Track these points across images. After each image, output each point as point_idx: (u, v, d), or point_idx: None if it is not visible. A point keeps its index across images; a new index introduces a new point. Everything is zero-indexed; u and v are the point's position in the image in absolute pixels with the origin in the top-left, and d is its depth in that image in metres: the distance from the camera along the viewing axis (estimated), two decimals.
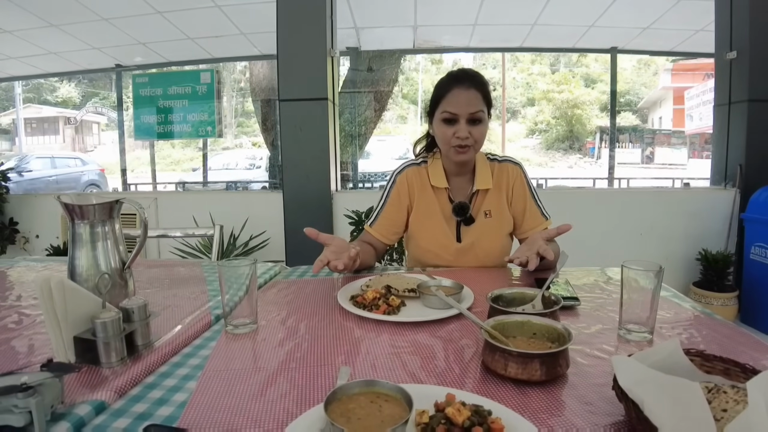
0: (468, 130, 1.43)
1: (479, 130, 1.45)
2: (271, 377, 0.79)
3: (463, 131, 1.43)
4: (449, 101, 1.44)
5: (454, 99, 1.43)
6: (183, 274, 1.51)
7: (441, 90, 1.47)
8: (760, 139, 3.57)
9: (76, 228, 1.03)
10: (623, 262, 0.94)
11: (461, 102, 1.42)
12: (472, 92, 1.43)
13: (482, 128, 1.46)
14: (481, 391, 0.73)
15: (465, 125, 1.43)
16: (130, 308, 0.89)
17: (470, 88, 1.43)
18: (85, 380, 0.77)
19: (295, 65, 3.47)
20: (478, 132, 1.44)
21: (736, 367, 0.69)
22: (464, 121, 1.43)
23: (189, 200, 4.16)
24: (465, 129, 1.43)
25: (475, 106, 1.43)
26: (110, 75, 7.06)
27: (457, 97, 1.43)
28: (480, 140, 1.46)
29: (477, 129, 1.44)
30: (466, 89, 1.43)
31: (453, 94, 1.44)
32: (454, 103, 1.43)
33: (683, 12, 5.00)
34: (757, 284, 3.35)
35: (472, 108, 1.42)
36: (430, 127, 1.57)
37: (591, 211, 3.78)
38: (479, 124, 1.45)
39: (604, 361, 0.83)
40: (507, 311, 0.92)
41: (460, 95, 1.43)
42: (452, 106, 1.43)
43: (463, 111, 1.42)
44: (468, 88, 1.43)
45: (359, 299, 1.12)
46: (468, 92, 1.42)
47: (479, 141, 1.46)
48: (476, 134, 1.44)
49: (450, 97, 1.44)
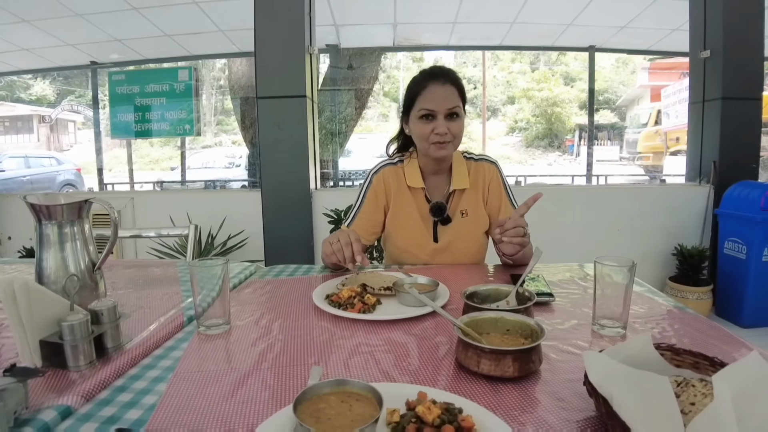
0: (446, 125, 1.43)
1: (457, 125, 1.45)
2: (243, 378, 0.78)
3: (442, 127, 1.43)
4: (426, 98, 1.44)
5: (431, 95, 1.43)
6: (157, 275, 1.48)
7: (417, 87, 1.47)
8: (733, 136, 3.64)
9: (43, 229, 1.00)
10: (596, 258, 0.94)
11: (438, 98, 1.42)
12: (448, 88, 1.43)
13: (460, 123, 1.46)
14: (454, 389, 0.73)
15: (443, 121, 1.43)
16: (99, 310, 0.87)
17: (446, 84, 1.43)
18: (52, 385, 0.76)
19: (274, 62, 3.43)
20: (456, 127, 1.44)
21: (705, 360, 0.70)
22: (442, 116, 1.43)
23: (166, 200, 4.09)
24: (443, 125, 1.43)
25: (452, 102, 1.43)
26: (86, 72, 6.91)
27: (434, 93, 1.43)
28: (458, 135, 1.46)
29: (455, 124, 1.44)
30: (442, 85, 1.43)
31: (429, 91, 1.43)
32: (431, 99, 1.43)
33: (659, 12, 5.07)
34: (731, 278, 3.43)
35: (449, 103, 1.42)
36: (406, 127, 1.56)
37: (569, 208, 3.81)
38: (457, 119, 1.45)
39: (577, 357, 0.84)
40: (481, 308, 0.92)
41: (436, 91, 1.43)
42: (429, 102, 1.43)
43: (441, 107, 1.42)
44: (444, 83, 1.43)
45: (334, 298, 1.11)
46: (444, 88, 1.43)
47: (458, 136, 1.46)
48: (454, 129, 1.44)
49: (426, 94, 1.44)
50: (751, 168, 3.69)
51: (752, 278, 3.25)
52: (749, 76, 3.64)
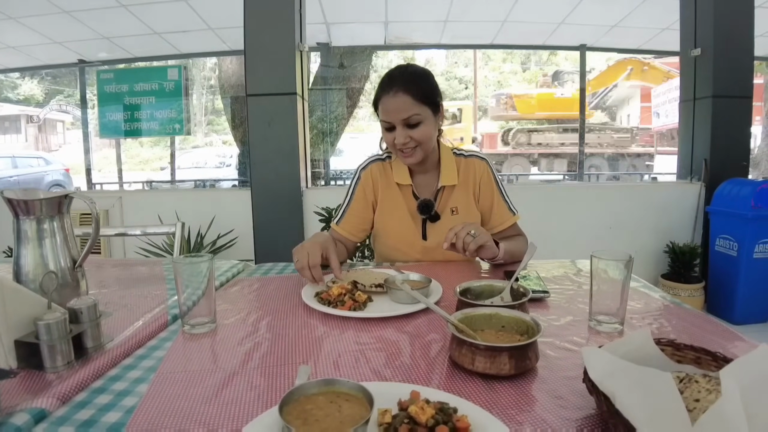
0: (406, 134, 1.40)
1: (419, 132, 1.40)
2: (229, 378, 0.75)
3: (401, 137, 1.40)
4: (382, 110, 1.41)
5: (386, 107, 1.40)
6: (143, 273, 1.45)
7: (376, 97, 1.44)
8: (724, 134, 3.66)
9: (21, 224, 0.96)
10: (592, 253, 0.92)
11: (390, 110, 1.38)
12: (400, 98, 1.37)
13: (423, 129, 1.41)
14: (448, 388, 0.70)
15: (402, 130, 1.39)
16: (78, 309, 0.84)
17: (398, 94, 1.37)
18: (27, 386, 0.72)
19: (264, 59, 3.39)
20: (418, 134, 1.40)
21: (707, 355, 0.68)
22: (400, 126, 1.39)
23: (155, 199, 4.04)
24: (402, 134, 1.40)
25: (407, 111, 1.37)
26: (74, 71, 6.82)
27: (386, 105, 1.39)
28: (423, 140, 1.42)
29: (416, 131, 1.40)
30: (393, 96, 1.37)
31: (383, 103, 1.40)
32: (385, 111, 1.40)
33: (649, 10, 5.09)
34: (722, 275, 3.44)
35: (403, 114, 1.38)
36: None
37: (561, 206, 3.81)
38: (417, 126, 1.40)
39: (575, 354, 0.81)
40: (475, 304, 0.89)
41: (387, 103, 1.39)
42: (384, 114, 1.41)
43: (395, 118, 1.39)
44: (396, 93, 1.37)
45: (324, 296, 1.08)
46: (396, 99, 1.37)
47: (423, 141, 1.42)
48: (417, 136, 1.40)
49: (382, 106, 1.41)
50: (742, 166, 3.70)
51: (743, 275, 3.26)
52: (739, 74, 3.66)
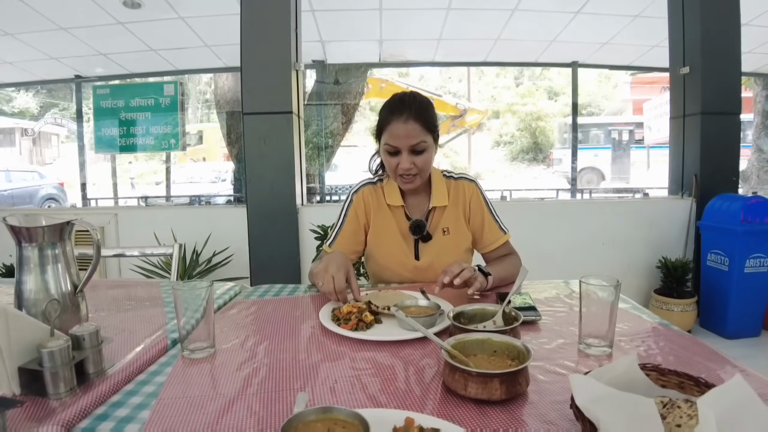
0: (411, 160, 1.44)
1: (422, 159, 1.45)
2: (229, 404, 0.77)
3: (405, 163, 1.43)
4: (390, 134, 1.43)
5: (395, 132, 1.42)
6: (141, 295, 1.46)
7: (382, 121, 1.47)
8: (713, 150, 3.71)
9: (24, 251, 0.97)
10: (581, 278, 0.95)
11: (400, 135, 1.41)
12: (411, 125, 1.40)
13: (426, 156, 1.46)
14: (441, 413, 0.72)
15: (407, 156, 1.43)
16: (80, 335, 0.85)
17: (408, 121, 1.40)
18: (31, 413, 0.73)
19: (260, 78, 3.43)
20: (421, 161, 1.45)
21: (690, 380, 0.70)
22: (406, 152, 1.43)
23: (150, 216, 4.04)
24: (407, 160, 1.43)
25: (415, 138, 1.41)
26: (70, 86, 6.85)
27: (396, 130, 1.42)
28: (425, 168, 1.47)
29: (420, 158, 1.45)
30: (404, 122, 1.40)
31: (392, 127, 1.42)
32: (394, 136, 1.42)
33: (639, 29, 5.20)
34: (714, 290, 3.47)
35: (411, 141, 1.41)
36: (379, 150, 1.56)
37: (554, 222, 3.84)
38: (422, 153, 1.45)
39: (564, 378, 0.84)
40: (467, 329, 0.91)
41: (398, 128, 1.41)
42: (393, 139, 1.43)
43: (403, 144, 1.42)
44: (406, 120, 1.40)
45: (336, 312, 1.13)
46: (406, 125, 1.40)
47: (424, 169, 1.47)
48: (420, 163, 1.45)
49: (390, 130, 1.43)
50: (732, 181, 3.75)
51: (735, 289, 3.29)
52: (727, 91, 3.72)
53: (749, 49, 5.29)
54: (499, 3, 4.75)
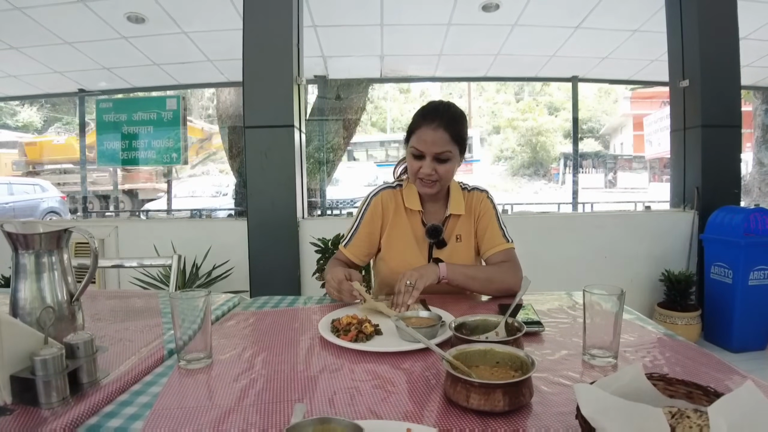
0: (433, 167, 1.45)
1: (445, 168, 1.46)
2: (225, 415, 0.75)
3: (427, 168, 1.45)
4: (417, 138, 1.45)
5: (422, 136, 1.44)
6: (138, 306, 1.45)
7: (413, 124, 1.49)
8: (714, 162, 3.70)
9: (20, 258, 0.97)
10: (585, 287, 0.93)
11: (427, 141, 1.43)
12: (439, 133, 1.42)
13: (449, 166, 1.47)
14: (442, 425, 0.70)
15: (430, 162, 1.44)
16: (74, 344, 0.84)
17: (438, 129, 1.42)
18: (22, 423, 0.72)
19: (262, 92, 3.45)
20: (443, 169, 1.46)
21: (699, 390, 0.69)
22: (430, 158, 1.44)
23: (151, 228, 4.03)
24: (429, 166, 1.45)
25: (441, 147, 1.43)
26: (74, 100, 6.90)
27: (424, 135, 1.43)
28: (446, 177, 1.48)
29: (443, 167, 1.46)
30: (433, 130, 1.42)
31: (421, 132, 1.44)
32: (421, 141, 1.44)
33: (638, 43, 5.23)
34: (718, 303, 3.44)
35: (437, 148, 1.43)
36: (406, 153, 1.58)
37: (556, 235, 3.83)
38: (445, 162, 1.46)
39: (569, 389, 0.82)
40: (470, 339, 0.90)
41: (426, 134, 1.43)
42: (419, 143, 1.45)
43: (429, 150, 1.43)
44: (436, 128, 1.42)
45: (336, 323, 1.11)
46: (435, 133, 1.42)
47: (444, 178, 1.48)
48: (441, 171, 1.46)
49: (418, 134, 1.45)
50: (733, 193, 3.74)
51: (739, 302, 3.26)
52: (727, 104, 3.72)
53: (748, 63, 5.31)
54: (500, 19, 4.78)
